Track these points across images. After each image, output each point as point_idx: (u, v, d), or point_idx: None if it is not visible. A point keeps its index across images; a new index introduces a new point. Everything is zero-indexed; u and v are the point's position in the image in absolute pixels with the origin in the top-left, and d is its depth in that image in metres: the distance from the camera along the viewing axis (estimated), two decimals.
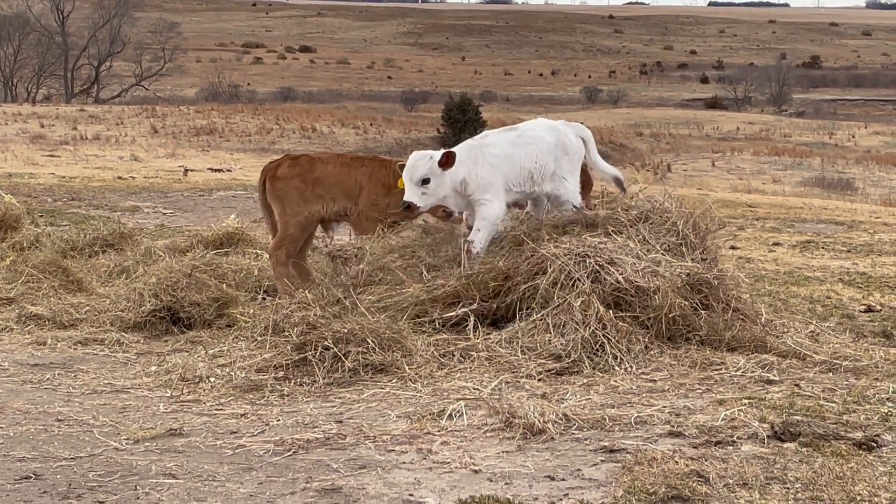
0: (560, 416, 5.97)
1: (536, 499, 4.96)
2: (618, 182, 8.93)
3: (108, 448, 5.74)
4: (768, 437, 5.62)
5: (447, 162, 7.94)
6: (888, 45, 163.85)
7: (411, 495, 5.02)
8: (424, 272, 8.06)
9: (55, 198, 17.36)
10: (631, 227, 7.87)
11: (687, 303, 7.45)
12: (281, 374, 6.92)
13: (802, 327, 7.88)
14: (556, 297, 7.31)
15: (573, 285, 7.33)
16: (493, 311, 7.67)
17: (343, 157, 9.59)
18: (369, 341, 7.06)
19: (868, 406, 6.17)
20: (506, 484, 5.15)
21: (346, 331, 7.11)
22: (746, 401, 6.25)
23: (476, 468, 5.35)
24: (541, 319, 7.29)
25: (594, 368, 6.90)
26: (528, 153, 8.24)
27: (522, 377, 6.77)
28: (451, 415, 6.11)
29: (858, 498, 4.85)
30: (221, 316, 8.40)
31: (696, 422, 5.90)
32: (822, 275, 10.97)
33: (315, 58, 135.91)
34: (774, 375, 6.79)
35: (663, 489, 4.92)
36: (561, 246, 7.61)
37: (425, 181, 7.96)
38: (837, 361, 7.07)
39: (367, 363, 6.95)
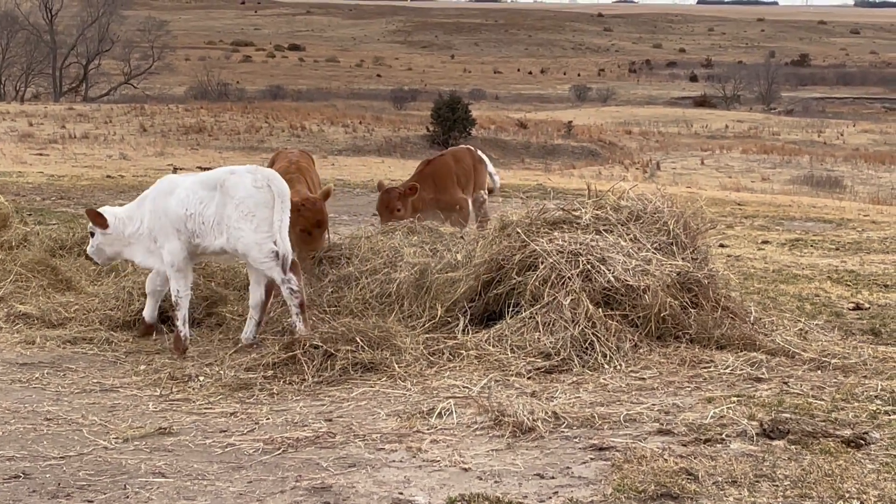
0: (549, 414, 5.97)
1: (526, 497, 4.96)
2: (280, 261, 7.44)
3: (97, 447, 5.73)
4: (757, 434, 5.63)
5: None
6: (876, 44, 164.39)
7: (401, 494, 5.02)
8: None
9: (44, 196, 17.30)
10: (622, 225, 7.88)
11: (677, 301, 7.46)
12: (270, 372, 6.91)
13: (791, 325, 7.90)
14: (545, 296, 7.32)
15: (563, 283, 7.34)
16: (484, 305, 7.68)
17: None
18: (358, 340, 7.06)
19: (856, 404, 6.18)
20: (495, 482, 5.15)
21: (334, 329, 7.12)
22: (735, 399, 6.26)
23: (465, 466, 5.35)
24: (530, 317, 7.29)
25: (584, 367, 6.91)
26: (179, 198, 7.71)
27: (512, 375, 6.77)
28: (440, 413, 6.11)
29: (847, 495, 4.86)
30: (210, 315, 8.41)
31: (685, 420, 5.91)
32: (810, 273, 10.99)
33: (304, 56, 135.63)
34: (763, 373, 6.80)
35: (653, 487, 4.92)
36: (554, 242, 7.61)
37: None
38: (826, 359, 7.08)
39: (356, 362, 6.95)
